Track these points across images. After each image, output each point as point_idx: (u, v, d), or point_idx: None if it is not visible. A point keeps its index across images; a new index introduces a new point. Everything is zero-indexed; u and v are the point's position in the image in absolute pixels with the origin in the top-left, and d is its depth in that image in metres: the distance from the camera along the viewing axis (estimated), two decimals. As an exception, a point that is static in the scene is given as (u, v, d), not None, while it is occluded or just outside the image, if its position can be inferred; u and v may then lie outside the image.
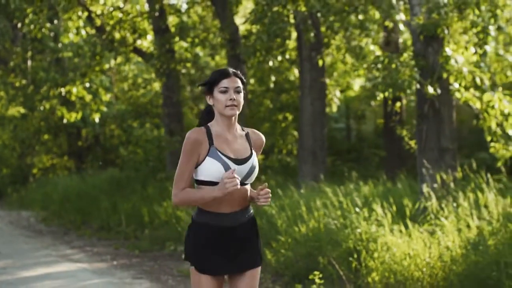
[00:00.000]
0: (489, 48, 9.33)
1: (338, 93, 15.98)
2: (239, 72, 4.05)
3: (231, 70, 4.03)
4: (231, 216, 3.99)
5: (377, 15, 11.03)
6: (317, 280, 6.46)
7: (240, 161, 3.97)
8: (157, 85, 18.83)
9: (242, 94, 4.01)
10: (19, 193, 19.52)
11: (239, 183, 3.86)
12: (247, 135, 4.11)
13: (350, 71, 14.94)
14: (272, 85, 15.21)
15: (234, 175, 3.85)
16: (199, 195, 3.94)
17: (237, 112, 4.00)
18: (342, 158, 16.81)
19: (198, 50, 16.04)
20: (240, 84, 4.00)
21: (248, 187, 4.06)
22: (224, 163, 3.92)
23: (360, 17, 10.36)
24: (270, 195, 4.00)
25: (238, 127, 4.11)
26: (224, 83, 3.96)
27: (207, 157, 3.93)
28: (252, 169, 4.00)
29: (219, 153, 3.94)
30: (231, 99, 3.95)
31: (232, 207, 3.99)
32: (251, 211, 4.12)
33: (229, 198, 3.95)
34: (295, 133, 15.33)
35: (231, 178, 3.84)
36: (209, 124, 4.05)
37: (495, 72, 11.50)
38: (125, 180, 15.53)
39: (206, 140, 3.96)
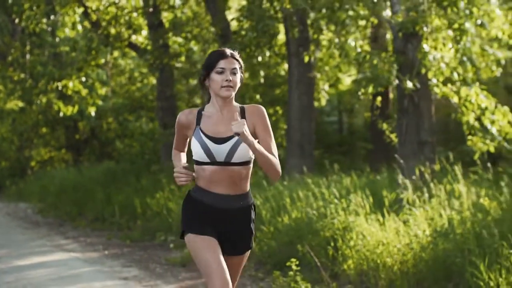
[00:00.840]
0: (468, 44, 9.62)
1: (326, 87, 16.23)
2: (236, 54, 4.01)
3: (228, 51, 3.98)
4: (223, 198, 3.94)
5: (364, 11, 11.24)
6: (293, 267, 6.76)
7: (220, 140, 3.91)
8: (153, 79, 19.07)
9: (238, 76, 3.97)
10: (17, 185, 19.84)
11: (186, 180, 3.94)
12: (242, 111, 4.01)
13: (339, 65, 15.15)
14: (262, 80, 15.47)
15: (182, 171, 3.95)
16: (174, 163, 4.21)
17: (233, 93, 3.96)
18: (333, 151, 17.08)
19: (193, 44, 16.28)
20: (236, 65, 3.96)
21: (242, 169, 3.96)
22: (202, 143, 3.92)
23: (351, 13, 10.57)
24: (244, 122, 3.78)
25: (234, 105, 4.04)
26: (221, 64, 3.93)
27: (193, 137, 3.98)
28: (234, 148, 3.90)
29: (200, 133, 3.95)
30: (227, 80, 3.91)
31: (222, 188, 3.94)
32: (249, 199, 4.04)
33: (216, 177, 3.92)
34: (285, 126, 15.59)
35: (179, 173, 3.96)
36: (206, 105, 4.05)
37: (479, 67, 11.73)
38: (120, 172, 15.83)
39: (195, 121, 4.01)
